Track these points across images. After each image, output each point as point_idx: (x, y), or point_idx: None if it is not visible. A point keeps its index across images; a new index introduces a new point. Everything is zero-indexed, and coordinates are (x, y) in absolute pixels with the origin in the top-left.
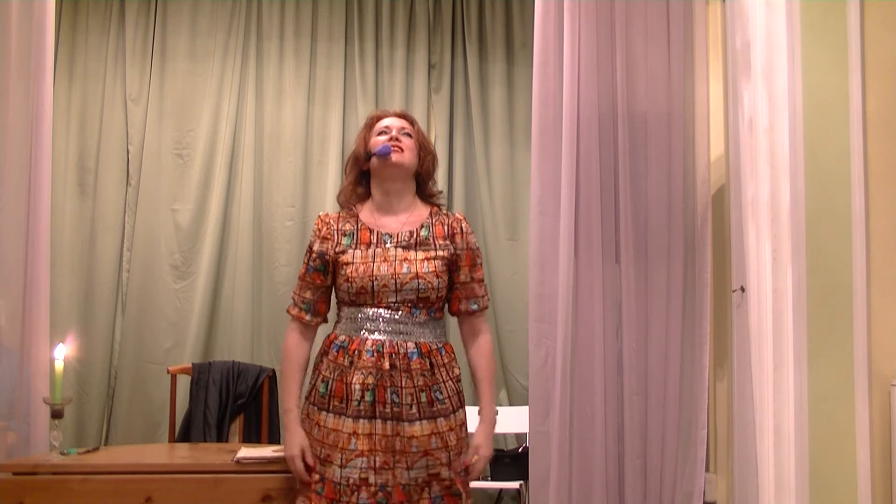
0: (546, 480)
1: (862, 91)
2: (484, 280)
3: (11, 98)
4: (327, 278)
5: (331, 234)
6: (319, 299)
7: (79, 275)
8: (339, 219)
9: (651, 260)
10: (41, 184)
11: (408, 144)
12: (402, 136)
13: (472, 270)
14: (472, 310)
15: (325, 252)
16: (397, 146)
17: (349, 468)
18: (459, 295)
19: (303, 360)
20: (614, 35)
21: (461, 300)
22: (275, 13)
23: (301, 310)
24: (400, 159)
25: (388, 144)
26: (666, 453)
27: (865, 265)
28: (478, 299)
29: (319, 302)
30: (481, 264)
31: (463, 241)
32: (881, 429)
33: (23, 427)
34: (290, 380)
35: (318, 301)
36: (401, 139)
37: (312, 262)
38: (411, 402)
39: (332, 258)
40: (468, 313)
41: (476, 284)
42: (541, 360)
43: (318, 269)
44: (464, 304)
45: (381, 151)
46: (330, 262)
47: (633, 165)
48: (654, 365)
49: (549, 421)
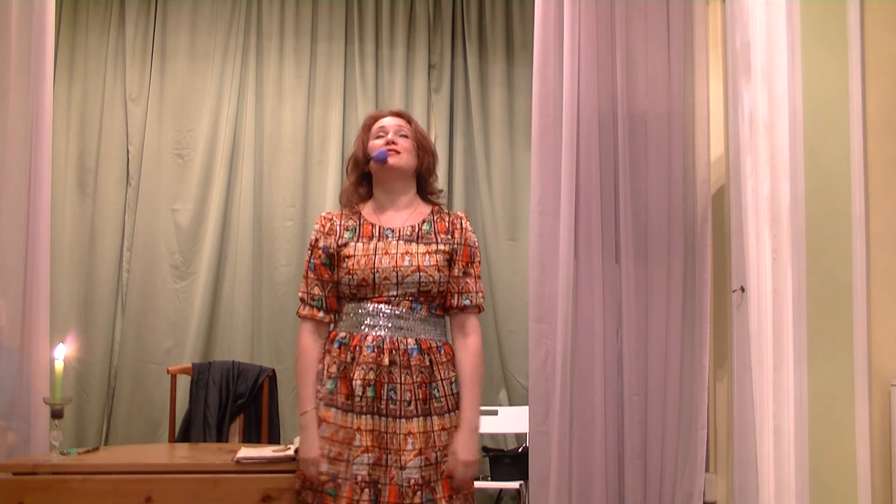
0: (546, 480)
1: (862, 91)
2: (480, 280)
3: (11, 98)
4: (334, 273)
5: (333, 230)
6: (330, 294)
7: (79, 275)
8: (342, 216)
9: (651, 260)
10: (41, 184)
11: (405, 146)
12: (399, 137)
13: (468, 266)
14: (463, 304)
15: (329, 246)
16: (393, 149)
17: (356, 465)
18: (452, 289)
19: (318, 361)
20: (614, 35)
21: (453, 294)
22: (275, 13)
23: (313, 307)
24: (397, 162)
25: (384, 150)
26: (666, 453)
27: (865, 265)
28: (470, 295)
29: (330, 297)
30: (479, 264)
31: (462, 236)
32: (881, 429)
33: (23, 427)
34: (307, 381)
35: (329, 297)
36: (397, 141)
37: (317, 258)
38: (409, 398)
39: (335, 251)
40: (459, 308)
41: (470, 280)
42: (541, 360)
43: (325, 263)
44: (455, 298)
45: (378, 157)
46: (334, 256)
47: (633, 165)
48: (654, 365)
49: (549, 421)
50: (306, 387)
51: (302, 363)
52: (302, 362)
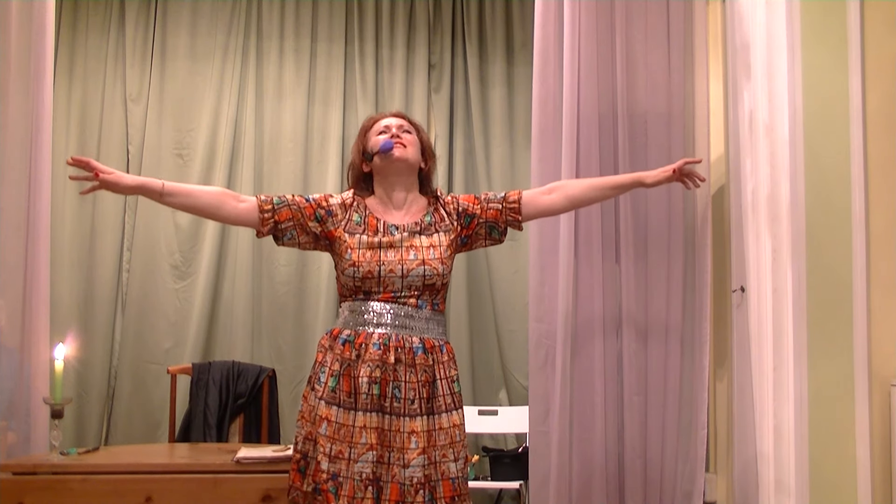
0: (546, 480)
1: (862, 91)
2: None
3: (11, 98)
4: (313, 225)
5: (345, 211)
6: (275, 215)
7: (79, 275)
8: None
9: (651, 260)
10: (41, 184)
11: (410, 140)
12: (403, 133)
13: (482, 204)
14: (511, 203)
15: (326, 217)
16: (399, 142)
17: (361, 462)
18: (505, 217)
19: (207, 195)
20: (614, 35)
21: (506, 213)
22: (275, 13)
23: (266, 201)
24: (403, 154)
25: (389, 140)
26: (666, 453)
27: (865, 265)
28: (508, 193)
29: (276, 216)
30: (485, 193)
31: (455, 208)
32: (881, 428)
33: (23, 427)
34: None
35: (274, 216)
36: (402, 136)
37: (310, 204)
38: (413, 396)
39: (328, 229)
40: (518, 201)
41: (494, 202)
42: (541, 360)
43: (303, 212)
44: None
45: (384, 147)
46: (321, 225)
47: (633, 165)
48: (654, 365)
49: (549, 421)
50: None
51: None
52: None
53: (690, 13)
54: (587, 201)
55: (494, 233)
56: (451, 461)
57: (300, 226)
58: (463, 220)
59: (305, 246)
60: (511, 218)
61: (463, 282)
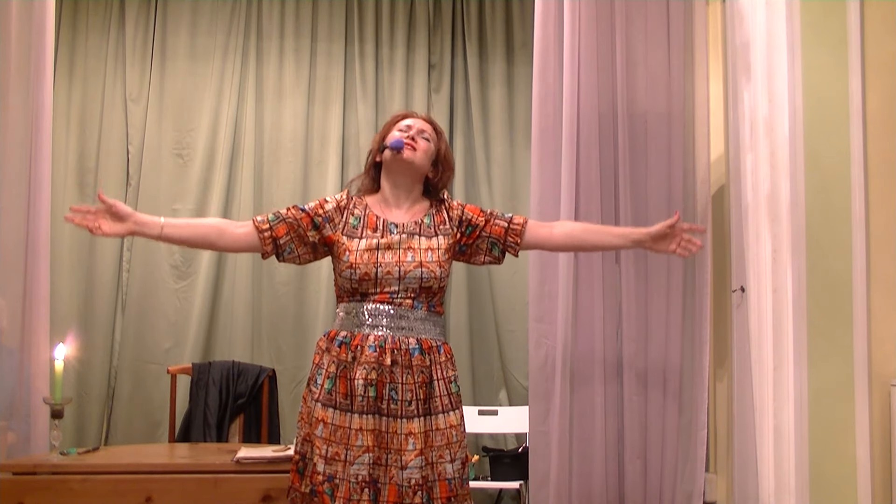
0: (546, 480)
1: (862, 91)
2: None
3: (11, 98)
4: (312, 234)
5: (341, 215)
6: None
7: (79, 275)
8: (352, 202)
9: (651, 260)
10: (41, 184)
11: (422, 146)
12: (420, 137)
13: (486, 217)
14: (516, 226)
15: (324, 223)
16: (411, 144)
17: (357, 465)
18: (508, 239)
19: (206, 226)
20: (614, 35)
21: (510, 235)
22: (275, 13)
23: (262, 220)
24: (410, 156)
25: (401, 140)
26: (666, 453)
27: (865, 265)
28: (510, 218)
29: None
30: (492, 210)
31: (458, 214)
32: (881, 428)
33: (23, 427)
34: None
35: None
36: (417, 139)
37: (306, 213)
38: (410, 398)
39: (325, 235)
40: (520, 229)
41: (500, 220)
42: (541, 360)
43: (299, 223)
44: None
45: (395, 145)
46: (319, 233)
47: (633, 165)
48: (654, 365)
49: (549, 421)
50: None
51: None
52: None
53: (690, 13)
54: (584, 244)
55: (495, 250)
56: (447, 462)
57: (298, 238)
58: (464, 228)
59: (305, 258)
60: (511, 240)
61: (463, 282)
